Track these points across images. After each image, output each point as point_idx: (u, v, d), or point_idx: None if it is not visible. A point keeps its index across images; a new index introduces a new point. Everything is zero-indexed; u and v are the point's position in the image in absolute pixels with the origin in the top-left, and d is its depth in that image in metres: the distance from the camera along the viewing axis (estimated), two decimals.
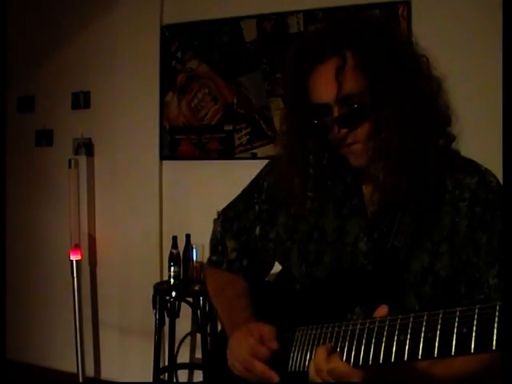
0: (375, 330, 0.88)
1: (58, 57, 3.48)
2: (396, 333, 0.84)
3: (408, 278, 1.05)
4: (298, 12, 2.89)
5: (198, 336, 2.97)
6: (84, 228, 3.39)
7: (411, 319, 0.83)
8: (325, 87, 1.04)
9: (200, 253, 2.85)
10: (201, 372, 3.02)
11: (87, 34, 3.39)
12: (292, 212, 1.18)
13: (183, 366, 3.13)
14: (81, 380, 3.24)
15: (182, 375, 3.15)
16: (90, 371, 3.42)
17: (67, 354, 3.36)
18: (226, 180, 3.09)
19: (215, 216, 1.54)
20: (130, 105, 3.24)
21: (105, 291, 3.42)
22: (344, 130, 1.04)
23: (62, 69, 3.48)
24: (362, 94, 1.02)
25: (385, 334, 0.86)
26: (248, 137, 3.03)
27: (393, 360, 0.84)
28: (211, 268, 1.36)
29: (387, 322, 0.87)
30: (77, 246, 3.23)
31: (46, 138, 3.55)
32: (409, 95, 1.02)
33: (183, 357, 3.15)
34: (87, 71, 3.40)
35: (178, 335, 3.01)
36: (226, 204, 1.50)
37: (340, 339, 0.94)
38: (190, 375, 3.20)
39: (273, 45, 2.96)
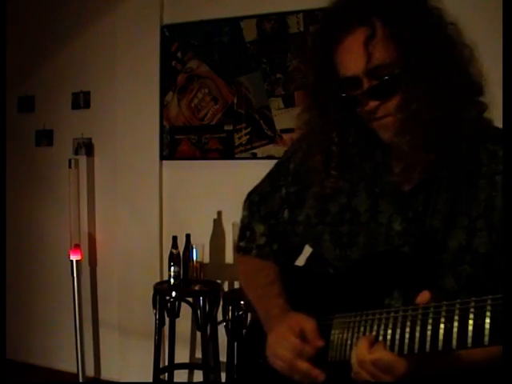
0: (419, 317, 0.85)
1: (58, 57, 3.48)
2: (442, 320, 0.81)
3: (446, 258, 1.00)
4: (297, 12, 2.89)
5: (198, 336, 2.97)
6: (84, 228, 3.39)
7: (457, 305, 0.80)
8: (354, 59, 1.00)
9: (200, 253, 2.86)
10: (201, 372, 3.02)
11: (87, 33, 3.39)
12: (315, 192, 1.14)
13: (183, 365, 3.13)
14: (81, 380, 3.23)
15: (182, 375, 3.15)
16: (90, 371, 3.42)
17: (67, 354, 3.36)
18: (226, 180, 3.10)
19: (215, 216, 1.53)
20: (130, 105, 3.24)
21: (105, 291, 3.42)
22: (375, 103, 1.00)
23: (61, 69, 3.48)
24: (392, 65, 0.98)
25: (430, 321, 0.83)
26: (248, 137, 3.03)
27: (440, 348, 0.81)
28: (240, 255, 1.33)
29: (431, 309, 0.84)
30: (77, 246, 3.23)
31: (46, 137, 3.55)
32: (441, 64, 0.97)
33: (183, 357, 3.15)
34: (87, 71, 3.40)
35: (178, 335, 3.01)
36: (225, 204, 1.50)
37: (382, 327, 0.92)
38: (190, 375, 3.20)
39: (273, 45, 2.96)
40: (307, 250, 1.27)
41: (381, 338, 0.91)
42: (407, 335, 0.86)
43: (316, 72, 1.09)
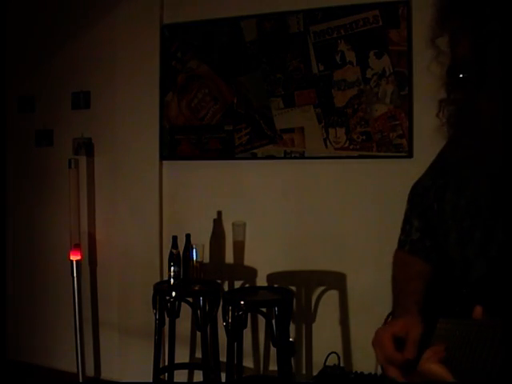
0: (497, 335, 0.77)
1: (58, 57, 3.48)
2: None
3: None
4: (297, 12, 2.89)
5: (198, 336, 2.98)
6: (84, 228, 3.39)
7: None
8: None
9: (200, 253, 2.86)
10: (201, 372, 3.02)
11: (87, 34, 3.39)
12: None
13: (183, 365, 3.13)
14: (81, 380, 3.23)
15: (182, 375, 3.15)
16: (90, 371, 3.42)
17: (67, 354, 3.36)
18: (226, 180, 3.10)
19: (215, 216, 1.51)
20: (129, 105, 3.24)
21: (105, 291, 3.42)
22: None
23: (61, 69, 3.48)
24: None
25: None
26: (248, 137, 3.03)
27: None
28: (398, 249, 1.29)
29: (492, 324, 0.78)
30: (77, 246, 3.23)
31: (46, 137, 3.55)
32: None
33: (183, 357, 3.15)
34: (87, 71, 3.40)
35: (178, 335, 3.01)
36: (225, 204, 1.49)
37: (462, 340, 0.85)
38: (190, 375, 3.20)
39: (273, 45, 2.96)
40: None
41: (457, 350, 0.85)
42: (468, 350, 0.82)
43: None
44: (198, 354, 3.06)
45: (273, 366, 2.87)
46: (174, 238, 2.88)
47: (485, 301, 0.93)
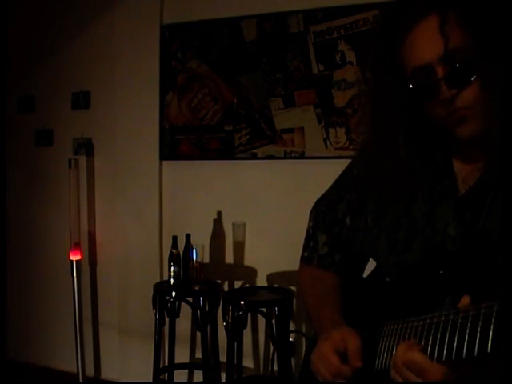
0: (459, 321, 0.82)
1: (58, 57, 3.48)
2: (479, 324, 0.78)
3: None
4: (297, 12, 2.89)
5: (198, 336, 2.98)
6: (84, 228, 3.39)
7: (495, 308, 0.76)
8: (428, 44, 0.95)
9: (200, 253, 2.86)
10: (201, 372, 3.02)
11: (87, 33, 3.39)
12: (384, 200, 1.11)
13: (183, 365, 3.13)
14: (81, 380, 3.24)
15: (182, 375, 3.15)
16: (90, 371, 3.42)
17: (67, 354, 3.36)
18: (226, 180, 3.10)
19: (215, 216, 1.52)
20: (129, 105, 3.24)
21: (105, 291, 3.42)
22: (452, 92, 0.94)
23: (61, 69, 3.48)
24: (467, 49, 0.93)
25: (468, 325, 0.80)
26: (248, 137, 3.03)
27: (475, 354, 0.78)
28: (302, 264, 1.32)
29: (471, 313, 0.80)
30: (77, 246, 3.23)
31: (46, 137, 3.55)
32: None
33: (183, 357, 3.15)
34: (87, 71, 3.40)
35: (178, 335, 3.01)
36: (225, 204, 1.49)
37: (424, 333, 0.89)
38: (190, 375, 3.20)
39: (273, 45, 2.96)
40: (372, 263, 1.25)
41: (422, 343, 0.89)
42: (446, 341, 0.84)
43: (378, 69, 1.06)
44: (198, 354, 3.06)
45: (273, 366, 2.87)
46: (174, 238, 2.88)
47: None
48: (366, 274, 1.30)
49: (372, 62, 1.08)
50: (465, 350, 0.80)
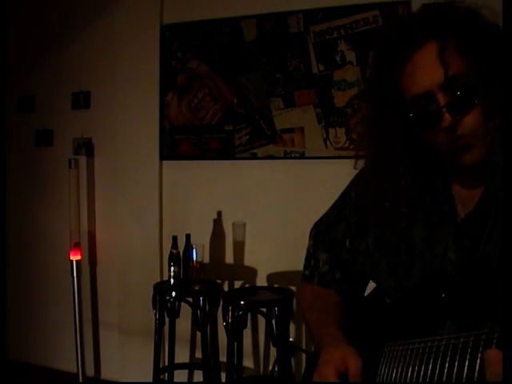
0: (459, 346, 0.84)
1: (58, 57, 3.48)
2: (480, 349, 0.79)
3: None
4: (297, 12, 2.89)
5: (198, 336, 2.97)
6: (84, 228, 3.39)
7: (496, 334, 0.77)
8: (427, 72, 0.95)
9: (200, 253, 2.86)
10: (201, 372, 3.02)
11: (87, 34, 3.39)
12: (384, 227, 1.12)
13: (183, 365, 3.13)
14: (81, 380, 3.24)
15: (182, 375, 3.15)
16: (90, 371, 3.42)
17: (67, 354, 3.36)
18: (226, 180, 3.10)
19: (215, 216, 1.52)
20: (129, 105, 3.24)
21: (105, 291, 3.42)
22: (453, 119, 0.94)
23: (61, 69, 3.48)
24: (468, 75, 0.94)
25: (469, 350, 0.82)
26: (248, 137, 3.03)
27: (475, 379, 0.79)
28: (303, 283, 1.32)
29: (472, 338, 0.82)
30: (77, 246, 3.23)
31: (46, 138, 3.55)
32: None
33: (183, 357, 3.15)
34: (87, 71, 3.40)
35: (178, 335, 3.01)
36: (225, 204, 1.49)
37: (425, 356, 0.91)
38: (190, 375, 3.20)
39: (273, 45, 2.96)
40: (372, 283, 1.26)
41: (423, 366, 0.90)
42: (447, 365, 0.85)
43: (376, 98, 1.05)
44: (198, 354, 3.06)
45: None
46: (174, 238, 2.88)
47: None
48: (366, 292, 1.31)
49: (370, 89, 1.08)
50: (465, 375, 0.81)
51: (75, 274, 3.21)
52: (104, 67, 3.34)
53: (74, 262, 3.21)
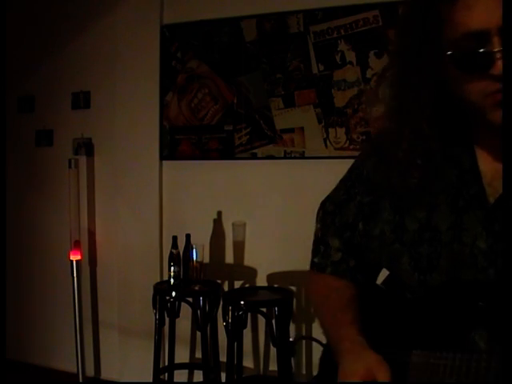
0: (492, 366, 0.77)
1: (58, 57, 3.48)
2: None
3: None
4: (298, 12, 2.89)
5: (198, 336, 2.97)
6: (84, 228, 3.39)
7: None
8: (489, 8, 0.82)
9: (200, 253, 2.85)
10: (201, 372, 3.02)
11: (87, 34, 3.39)
12: (402, 208, 0.99)
13: (183, 365, 3.13)
14: (81, 380, 3.23)
15: (182, 375, 3.15)
16: (90, 371, 3.42)
17: (67, 354, 3.36)
18: (226, 180, 3.10)
19: (215, 216, 1.47)
20: (130, 105, 3.24)
21: (105, 291, 3.42)
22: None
23: (61, 69, 3.47)
24: None
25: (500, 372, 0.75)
26: (248, 137, 3.03)
27: None
28: (314, 273, 1.17)
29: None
30: (77, 246, 3.23)
31: (46, 138, 3.55)
32: None
33: (183, 357, 3.15)
34: (87, 71, 3.40)
35: (178, 335, 3.01)
36: (225, 204, 1.46)
37: (455, 374, 0.83)
38: (190, 375, 3.20)
39: (273, 45, 2.96)
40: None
41: None
42: None
43: (415, 31, 0.91)
44: (198, 354, 3.06)
45: (273, 366, 2.87)
46: (174, 238, 2.88)
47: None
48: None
49: (406, 25, 0.95)
50: None
51: (75, 274, 3.21)
52: (104, 67, 3.34)
53: (74, 262, 3.21)
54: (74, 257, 3.21)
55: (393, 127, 0.97)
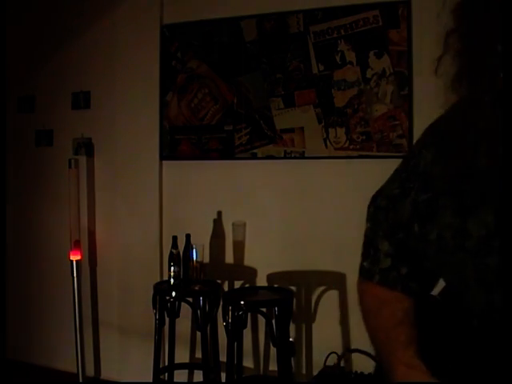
0: None
1: (58, 57, 3.48)
2: None
3: None
4: (298, 12, 2.89)
5: (198, 336, 2.97)
6: (84, 228, 3.38)
7: None
8: None
9: (200, 253, 2.85)
10: (201, 372, 3.02)
11: (87, 33, 3.39)
12: (466, 208, 0.83)
13: (183, 365, 3.13)
14: (81, 380, 3.23)
15: (182, 375, 3.15)
16: (90, 371, 3.42)
17: (67, 354, 3.36)
18: (226, 180, 3.10)
19: (215, 216, 1.42)
20: (129, 105, 3.24)
21: (105, 291, 3.42)
22: None
23: (62, 69, 3.48)
24: None
25: None
26: (248, 137, 3.03)
27: None
28: (362, 280, 1.06)
29: None
30: (77, 246, 3.23)
31: (46, 138, 3.55)
32: None
33: (183, 357, 3.15)
34: (87, 71, 3.40)
35: (178, 335, 3.01)
36: (225, 204, 1.44)
37: None
38: (190, 375, 3.20)
39: (273, 45, 2.96)
40: None
41: None
42: None
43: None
44: (198, 354, 3.05)
45: (273, 366, 2.87)
46: (174, 238, 2.88)
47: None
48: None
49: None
50: None
51: (75, 274, 3.21)
52: (104, 67, 3.34)
53: (74, 262, 3.21)
54: (74, 257, 3.21)
55: (466, 99, 0.85)
